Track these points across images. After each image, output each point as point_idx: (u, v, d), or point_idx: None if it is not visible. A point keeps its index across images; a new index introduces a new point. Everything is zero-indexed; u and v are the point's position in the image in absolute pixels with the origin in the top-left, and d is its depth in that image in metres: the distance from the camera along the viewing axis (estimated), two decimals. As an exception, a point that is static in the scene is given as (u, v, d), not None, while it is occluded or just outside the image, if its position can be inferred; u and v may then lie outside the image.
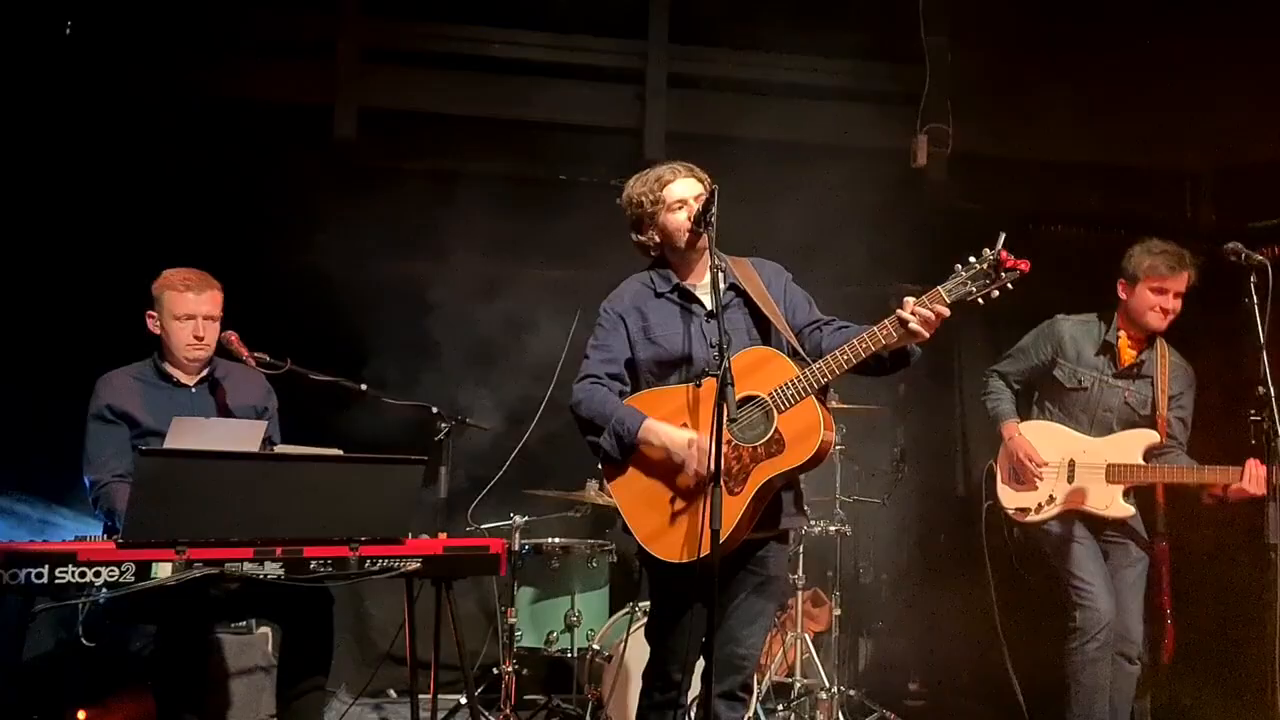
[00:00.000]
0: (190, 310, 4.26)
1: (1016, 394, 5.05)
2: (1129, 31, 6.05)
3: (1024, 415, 5.01)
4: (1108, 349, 4.78)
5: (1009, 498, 4.90)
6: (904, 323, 3.44)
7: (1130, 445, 4.66)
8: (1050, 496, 4.77)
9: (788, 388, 3.52)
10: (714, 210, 3.53)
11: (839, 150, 6.17)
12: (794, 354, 3.61)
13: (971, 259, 3.48)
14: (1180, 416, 4.73)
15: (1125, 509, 4.66)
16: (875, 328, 3.50)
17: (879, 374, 3.70)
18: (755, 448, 3.53)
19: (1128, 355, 4.75)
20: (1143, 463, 4.62)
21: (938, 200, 6.30)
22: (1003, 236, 3.46)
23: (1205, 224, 6.32)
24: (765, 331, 3.72)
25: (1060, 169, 6.31)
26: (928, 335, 3.47)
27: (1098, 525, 4.79)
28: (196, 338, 4.27)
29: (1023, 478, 4.86)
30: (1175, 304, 4.64)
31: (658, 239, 3.79)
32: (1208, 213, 6.40)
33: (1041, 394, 4.99)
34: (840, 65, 6.33)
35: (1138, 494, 4.77)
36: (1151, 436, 4.65)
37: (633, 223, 3.83)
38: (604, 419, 3.63)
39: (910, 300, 3.46)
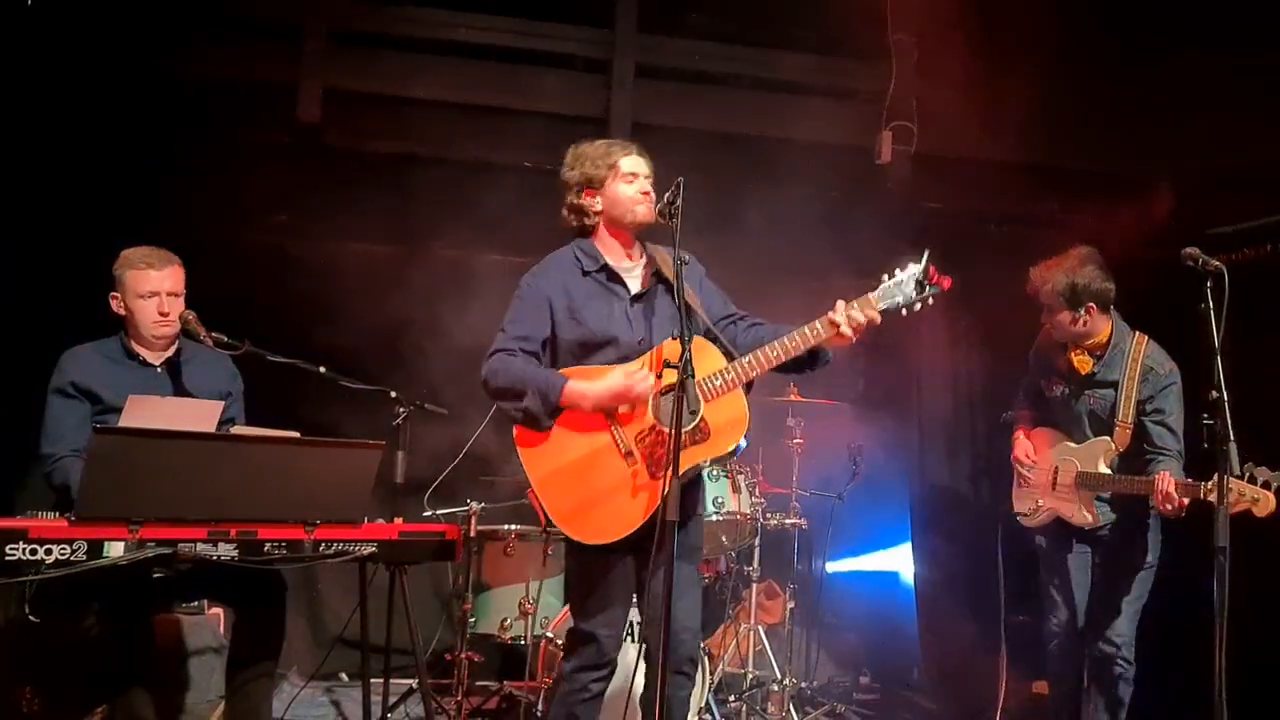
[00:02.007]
0: (153, 287, 4.23)
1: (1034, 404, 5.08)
2: (1094, 36, 6.10)
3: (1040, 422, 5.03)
4: (1064, 360, 4.82)
5: (1015, 501, 4.97)
6: (835, 325, 3.50)
7: (1094, 454, 4.67)
8: (1039, 502, 4.82)
9: (717, 378, 3.58)
10: (679, 201, 3.54)
11: (804, 145, 6.19)
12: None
13: (899, 271, 3.58)
14: (1159, 420, 4.58)
15: (1085, 517, 4.66)
16: (806, 328, 3.57)
17: (798, 373, 3.78)
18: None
19: (1082, 363, 4.75)
20: (1105, 471, 4.61)
21: (901, 198, 6.33)
22: (927, 253, 3.55)
23: (1164, 229, 6.39)
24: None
25: (1023, 170, 6.36)
26: (854, 339, 3.53)
27: (1088, 535, 4.77)
28: (161, 314, 4.24)
29: (1020, 481, 4.94)
30: (1049, 317, 4.71)
31: (599, 207, 3.79)
32: (1166, 218, 6.46)
33: (1041, 407, 5.02)
34: (806, 60, 6.35)
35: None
36: (1106, 444, 4.65)
37: (577, 184, 3.79)
38: (524, 382, 3.60)
39: (841, 303, 3.51)
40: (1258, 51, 5.55)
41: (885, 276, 3.56)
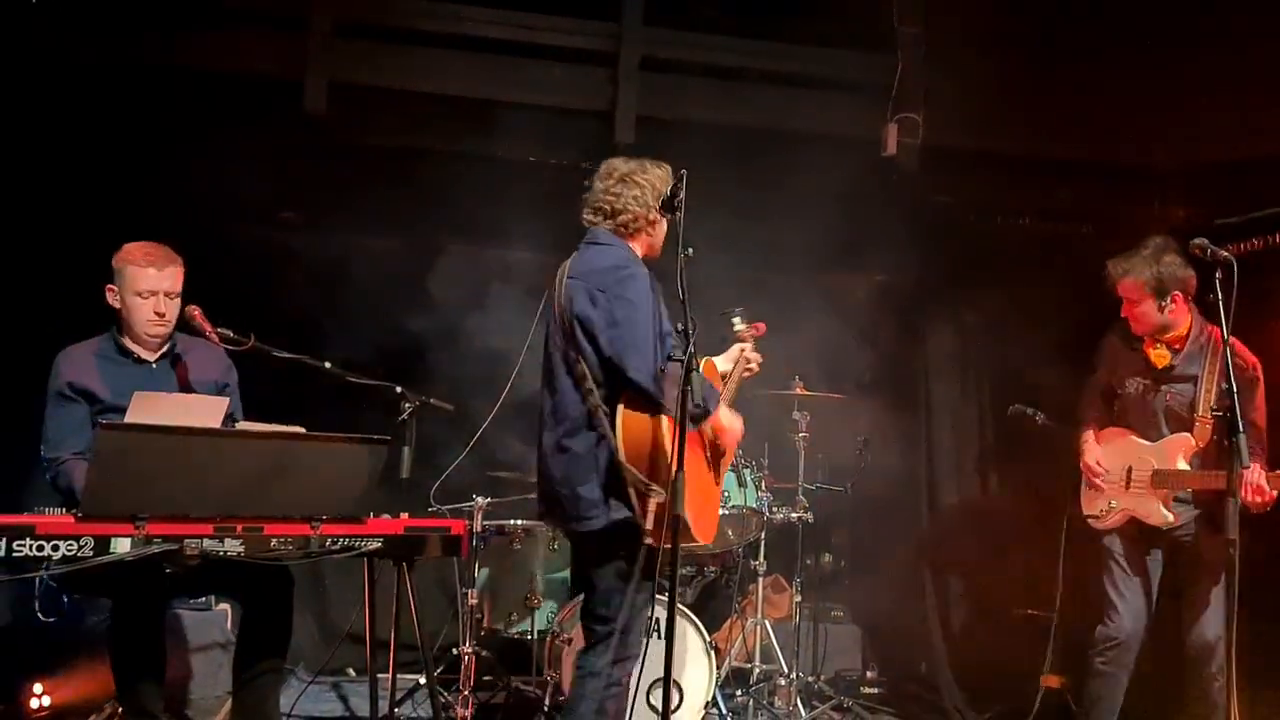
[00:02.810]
0: (151, 286, 4.18)
1: (1102, 402, 4.96)
2: (1100, 28, 6.08)
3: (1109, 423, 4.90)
4: (1139, 355, 4.71)
5: (1085, 504, 4.85)
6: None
7: (1171, 451, 4.55)
8: (1110, 504, 4.70)
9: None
10: (682, 195, 3.54)
11: (810, 138, 6.17)
12: None
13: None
14: (1251, 419, 4.42)
15: (1164, 517, 4.53)
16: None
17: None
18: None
19: (1160, 357, 4.65)
20: (1184, 468, 4.50)
21: (908, 190, 6.31)
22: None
23: (1173, 220, 6.37)
24: None
25: (1030, 163, 6.33)
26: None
27: (1164, 537, 4.67)
28: (157, 314, 4.19)
29: (1087, 483, 4.83)
30: (1131, 309, 4.62)
31: (657, 231, 3.98)
32: (1176, 209, 6.44)
33: (1111, 401, 4.93)
34: (813, 52, 6.32)
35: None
36: (1185, 440, 4.52)
37: (654, 205, 3.85)
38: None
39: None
40: (1267, 41, 5.53)
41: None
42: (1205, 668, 4.50)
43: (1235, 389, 4.22)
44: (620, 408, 3.71)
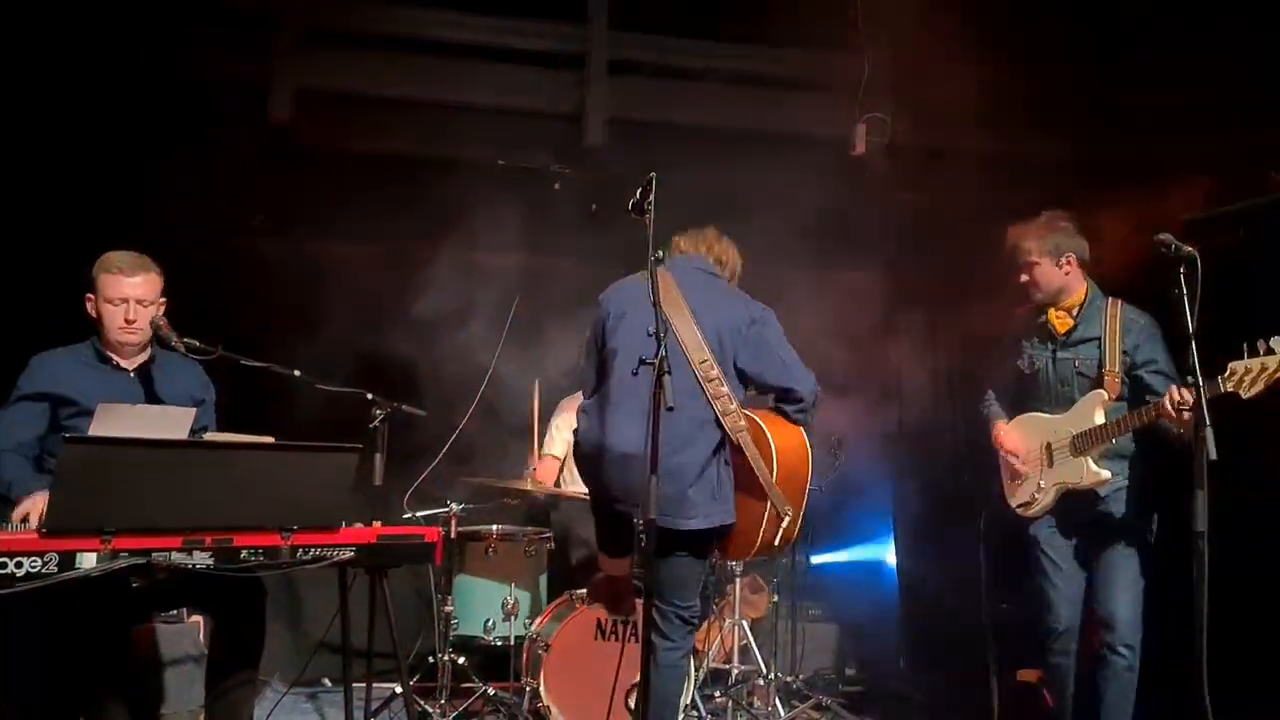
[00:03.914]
0: (123, 294, 4.18)
1: (1005, 394, 5.03)
2: (1066, 25, 6.10)
3: (1014, 413, 4.96)
4: (1042, 326, 4.81)
5: (1011, 496, 4.89)
6: None
7: (1087, 411, 4.60)
8: (1039, 485, 4.74)
9: None
10: (651, 198, 3.53)
11: (779, 138, 6.18)
12: None
13: None
14: (1155, 370, 4.53)
15: (1098, 475, 4.54)
16: None
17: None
18: None
19: (1061, 322, 4.73)
20: (1100, 422, 4.53)
21: (876, 189, 6.33)
22: None
23: (1143, 215, 6.41)
24: None
25: (998, 161, 6.35)
26: None
27: (1085, 513, 4.68)
28: (127, 321, 4.18)
29: (1014, 474, 4.86)
30: (1031, 271, 4.73)
31: None
32: (1145, 205, 6.48)
33: (1018, 388, 4.98)
34: (781, 54, 6.33)
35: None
36: (1101, 396, 4.57)
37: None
38: None
39: None
40: (1234, 38, 5.56)
41: None
42: (1107, 636, 4.57)
43: (1139, 344, 4.54)
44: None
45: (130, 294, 4.19)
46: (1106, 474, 4.55)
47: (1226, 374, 4.01)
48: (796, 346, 4.28)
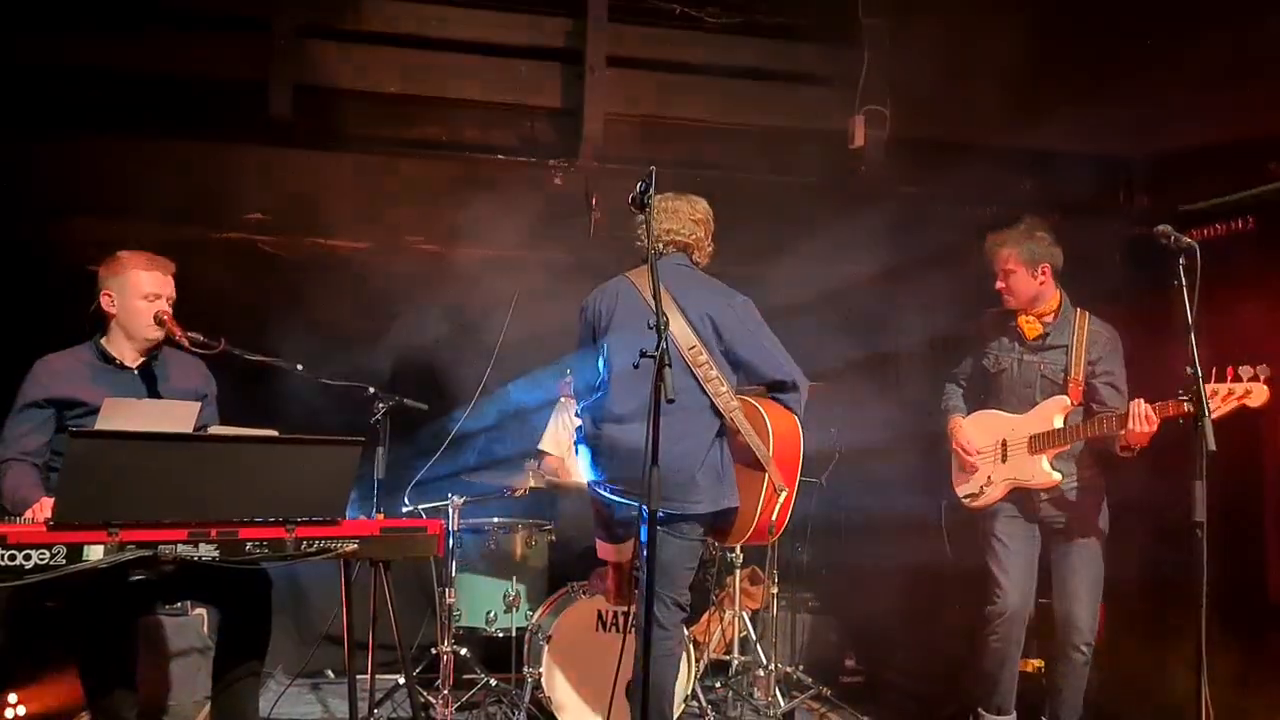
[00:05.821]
0: (157, 290, 4.30)
1: (967, 391, 5.22)
2: (1064, 18, 6.11)
3: (975, 409, 5.12)
4: (1012, 329, 4.91)
5: (958, 487, 5.05)
6: None
7: (1047, 414, 4.75)
8: (989, 478, 4.89)
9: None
10: (652, 191, 3.56)
11: (778, 131, 6.19)
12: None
13: None
14: (1109, 381, 4.74)
15: (1049, 476, 4.71)
16: None
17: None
18: None
19: (1032, 328, 4.87)
20: (1059, 426, 4.69)
21: (875, 182, 6.33)
22: None
23: (1138, 208, 6.44)
24: None
25: (995, 153, 6.37)
26: None
27: (1039, 510, 4.84)
28: (160, 316, 4.28)
29: (964, 466, 5.00)
30: (1007, 279, 4.88)
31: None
32: (1140, 197, 6.51)
33: (981, 386, 5.09)
34: (780, 46, 6.33)
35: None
36: (1064, 401, 4.73)
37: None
38: None
39: None
40: (1230, 29, 5.57)
41: None
42: (1071, 636, 4.74)
43: (1102, 356, 4.71)
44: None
45: (164, 291, 4.31)
46: (1058, 476, 4.73)
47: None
48: (790, 342, 4.32)
